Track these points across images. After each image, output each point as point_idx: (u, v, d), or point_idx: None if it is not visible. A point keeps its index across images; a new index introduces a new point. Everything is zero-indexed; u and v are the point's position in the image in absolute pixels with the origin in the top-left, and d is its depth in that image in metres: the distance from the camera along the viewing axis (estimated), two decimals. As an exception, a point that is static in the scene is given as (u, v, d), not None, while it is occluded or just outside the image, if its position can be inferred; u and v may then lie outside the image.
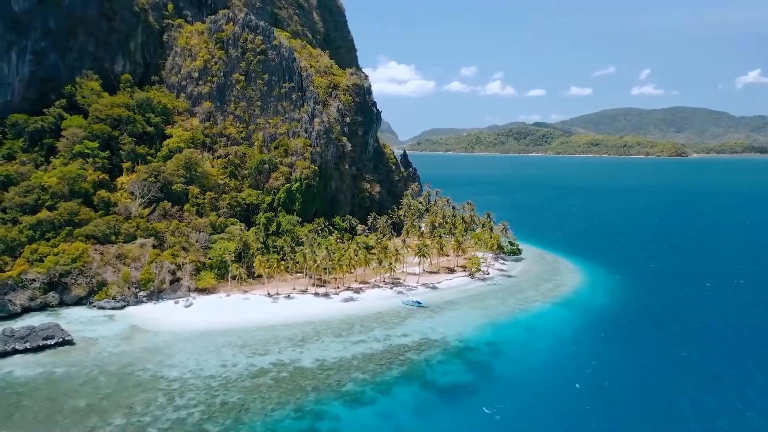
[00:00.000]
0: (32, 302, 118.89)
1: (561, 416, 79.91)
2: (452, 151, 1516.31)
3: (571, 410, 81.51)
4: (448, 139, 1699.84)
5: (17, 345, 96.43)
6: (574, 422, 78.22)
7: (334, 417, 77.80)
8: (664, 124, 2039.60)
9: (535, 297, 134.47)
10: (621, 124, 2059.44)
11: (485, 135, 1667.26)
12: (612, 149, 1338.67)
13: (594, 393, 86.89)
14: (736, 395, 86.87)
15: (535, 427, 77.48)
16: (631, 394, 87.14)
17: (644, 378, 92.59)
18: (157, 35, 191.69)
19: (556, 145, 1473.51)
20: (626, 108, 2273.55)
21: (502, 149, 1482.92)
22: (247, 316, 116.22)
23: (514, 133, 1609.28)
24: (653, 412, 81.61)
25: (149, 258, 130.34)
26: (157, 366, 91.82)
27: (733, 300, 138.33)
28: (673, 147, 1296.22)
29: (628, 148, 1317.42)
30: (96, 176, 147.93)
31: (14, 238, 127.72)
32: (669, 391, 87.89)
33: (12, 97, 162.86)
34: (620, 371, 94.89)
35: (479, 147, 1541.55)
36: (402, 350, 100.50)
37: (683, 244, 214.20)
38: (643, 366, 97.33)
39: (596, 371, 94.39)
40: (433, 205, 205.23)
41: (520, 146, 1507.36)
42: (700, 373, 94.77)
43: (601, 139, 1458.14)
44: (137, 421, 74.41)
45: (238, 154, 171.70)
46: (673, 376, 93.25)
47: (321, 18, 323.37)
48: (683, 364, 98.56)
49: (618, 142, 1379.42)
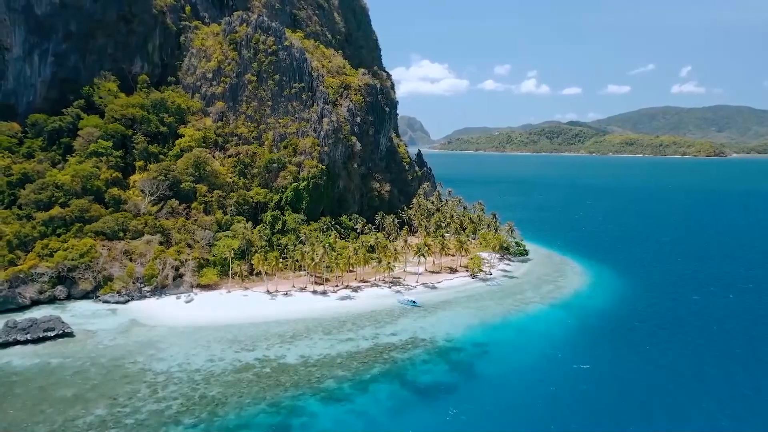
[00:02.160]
0: (41, 295, 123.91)
1: (525, 417, 79.70)
2: (483, 151, 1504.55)
3: (538, 412, 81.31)
4: (479, 139, 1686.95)
5: (19, 336, 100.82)
6: (536, 423, 77.96)
7: (308, 413, 79.26)
8: (704, 123, 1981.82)
9: (532, 298, 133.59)
10: (659, 123, 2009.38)
11: (517, 134, 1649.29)
12: (647, 149, 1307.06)
13: (567, 396, 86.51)
14: (714, 401, 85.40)
15: (496, 427, 77.37)
16: (604, 397, 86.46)
17: (622, 382, 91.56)
18: (174, 37, 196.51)
19: (589, 144, 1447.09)
20: (665, 107, 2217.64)
21: (534, 148, 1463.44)
22: (243, 313, 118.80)
23: (547, 132, 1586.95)
24: (618, 415, 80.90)
25: (153, 254, 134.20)
26: (147, 359, 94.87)
27: (736, 305, 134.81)
28: (711, 147, 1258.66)
29: (663, 148, 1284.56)
30: (109, 174, 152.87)
31: (27, 233, 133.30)
32: (642, 397, 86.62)
33: (34, 98, 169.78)
34: (601, 375, 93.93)
35: (510, 146, 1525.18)
36: (387, 349, 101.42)
37: (699, 246, 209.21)
38: (625, 370, 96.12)
39: (577, 374, 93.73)
40: (444, 205, 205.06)
41: (553, 145, 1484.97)
42: (681, 379, 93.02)
43: (636, 138, 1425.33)
44: (117, 411, 77.23)
45: (249, 153, 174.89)
46: (652, 383, 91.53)
47: (343, 18, 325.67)
48: (666, 370, 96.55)
49: (653, 141, 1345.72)
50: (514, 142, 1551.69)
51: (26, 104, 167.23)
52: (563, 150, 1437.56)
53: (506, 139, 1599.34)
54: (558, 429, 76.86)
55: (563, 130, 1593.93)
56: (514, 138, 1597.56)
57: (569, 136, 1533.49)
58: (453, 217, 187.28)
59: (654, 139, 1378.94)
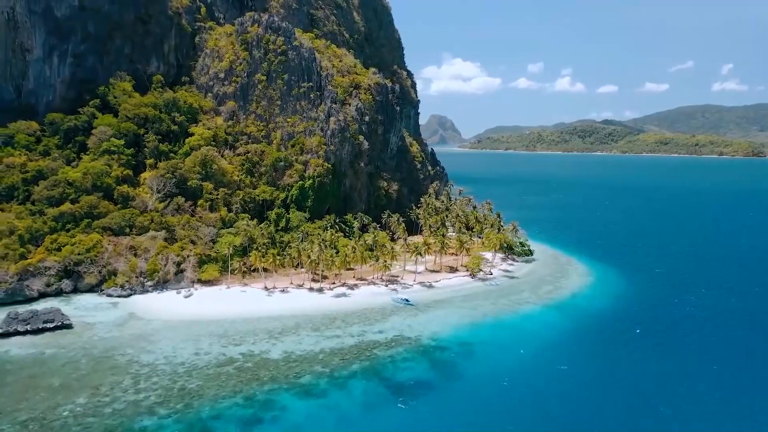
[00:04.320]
0: (48, 288, 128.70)
1: (496, 417, 79.64)
2: (513, 150, 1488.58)
3: (510, 412, 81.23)
4: (509, 138, 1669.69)
5: (19, 326, 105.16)
6: (505, 423, 77.95)
7: (281, 407, 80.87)
8: (746, 122, 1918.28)
9: (528, 299, 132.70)
10: (698, 122, 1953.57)
11: (548, 133, 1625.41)
12: (682, 148, 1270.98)
13: (540, 396, 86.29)
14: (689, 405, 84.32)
15: (464, 425, 77.72)
16: (578, 399, 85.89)
17: (601, 385, 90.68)
18: (189, 37, 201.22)
19: (622, 143, 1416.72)
20: (705, 105, 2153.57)
21: (565, 148, 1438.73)
22: (238, 308, 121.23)
23: (579, 131, 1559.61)
24: (587, 416, 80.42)
25: (156, 250, 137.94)
26: (136, 351, 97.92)
27: (737, 311, 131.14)
28: (749, 146, 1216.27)
29: (699, 148, 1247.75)
30: (120, 172, 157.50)
31: (38, 228, 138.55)
32: (618, 401, 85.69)
33: (53, 98, 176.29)
34: (581, 377, 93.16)
35: (541, 145, 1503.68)
36: (371, 346, 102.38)
37: (712, 249, 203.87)
38: (608, 373, 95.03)
39: (555, 376, 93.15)
40: (452, 204, 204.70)
41: (584, 145, 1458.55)
42: (667, 384, 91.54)
43: (671, 137, 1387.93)
44: (97, 401, 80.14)
45: (257, 152, 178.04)
46: (629, 386, 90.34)
47: (363, 17, 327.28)
48: (651, 375, 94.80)
49: (689, 141, 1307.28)
50: (545, 141, 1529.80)
51: (45, 104, 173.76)
52: (595, 149, 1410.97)
53: (537, 138, 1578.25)
54: (524, 429, 76.72)
55: (596, 129, 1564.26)
56: (545, 137, 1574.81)
57: (602, 135, 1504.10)
58: (459, 216, 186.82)
59: (690, 138, 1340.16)
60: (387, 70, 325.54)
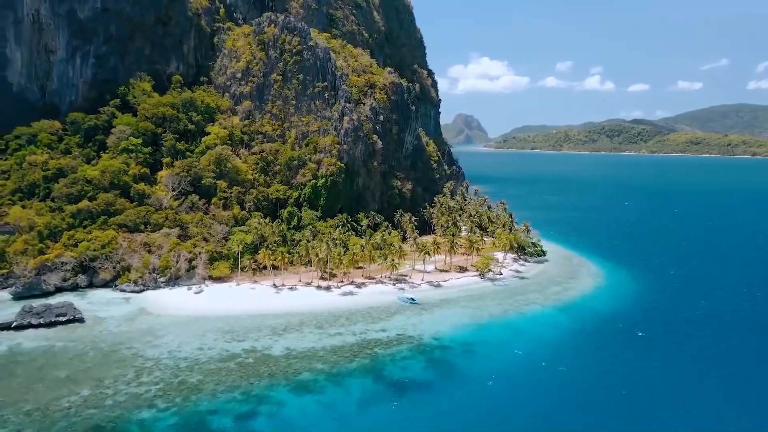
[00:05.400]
0: (64, 283, 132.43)
1: (490, 417, 79.78)
2: (539, 149, 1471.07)
3: (504, 412, 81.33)
4: (535, 137, 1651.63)
5: (33, 320, 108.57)
6: (498, 423, 78.00)
7: (278, 402, 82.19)
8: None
9: (536, 299, 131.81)
10: (732, 121, 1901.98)
11: (575, 132, 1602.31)
12: (714, 148, 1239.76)
13: (531, 397, 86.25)
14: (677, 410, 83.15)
15: (457, 424, 78.00)
16: (569, 399, 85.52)
17: (594, 386, 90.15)
18: (208, 38, 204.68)
19: (651, 143, 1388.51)
20: (739, 104, 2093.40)
21: (593, 147, 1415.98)
22: (245, 305, 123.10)
23: (607, 130, 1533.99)
24: (579, 419, 79.99)
25: (169, 246, 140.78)
26: (142, 345, 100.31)
27: (746, 315, 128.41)
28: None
29: (732, 148, 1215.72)
30: (137, 170, 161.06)
31: (57, 224, 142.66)
32: (609, 402, 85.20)
33: (76, 97, 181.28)
34: (580, 379, 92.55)
35: (568, 145, 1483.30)
36: (372, 344, 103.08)
37: (736, 250, 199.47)
38: (603, 375, 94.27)
39: (553, 377, 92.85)
40: (466, 204, 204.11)
41: (612, 144, 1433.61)
42: (664, 388, 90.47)
43: (702, 137, 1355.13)
44: (100, 393, 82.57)
45: (272, 151, 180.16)
46: (632, 391, 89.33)
47: (383, 17, 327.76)
48: (643, 378, 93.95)
49: (721, 140, 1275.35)
50: (571, 141, 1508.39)
51: (68, 103, 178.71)
52: (623, 149, 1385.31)
53: (563, 137, 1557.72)
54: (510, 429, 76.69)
55: (624, 129, 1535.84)
56: (572, 136, 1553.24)
57: (631, 134, 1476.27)
58: (472, 216, 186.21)
59: (722, 138, 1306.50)
60: (407, 70, 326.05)
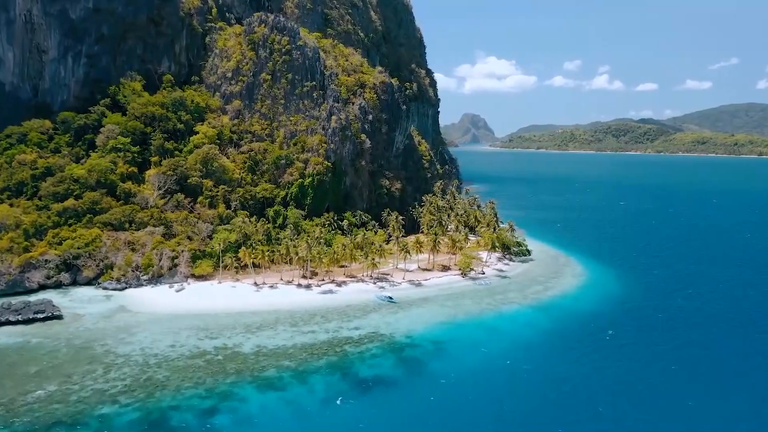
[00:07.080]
0: (48, 281, 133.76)
1: (453, 415, 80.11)
2: (544, 149, 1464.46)
3: (469, 411, 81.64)
4: (541, 137, 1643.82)
5: (10, 317, 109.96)
6: (462, 423, 78.32)
7: (241, 399, 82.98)
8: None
9: (514, 299, 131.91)
10: (741, 120, 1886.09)
11: (580, 132, 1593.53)
12: (720, 148, 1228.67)
13: (493, 396, 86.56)
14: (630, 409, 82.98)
15: (419, 422, 78.50)
16: (527, 401, 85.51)
17: (560, 388, 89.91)
18: (200, 38, 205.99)
19: (657, 143, 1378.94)
20: (749, 103, 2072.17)
21: (599, 147, 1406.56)
22: (224, 303, 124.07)
23: (613, 130, 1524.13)
24: (537, 418, 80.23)
25: (152, 245, 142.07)
26: (115, 342, 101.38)
27: (724, 314, 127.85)
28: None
29: (738, 147, 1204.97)
30: (125, 169, 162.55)
31: (43, 223, 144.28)
32: (569, 402, 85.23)
33: (68, 97, 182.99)
34: (542, 379, 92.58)
35: (573, 144, 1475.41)
36: (343, 342, 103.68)
37: (728, 250, 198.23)
38: (573, 376, 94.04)
39: (517, 375, 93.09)
40: (456, 203, 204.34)
41: (618, 144, 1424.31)
42: (612, 386, 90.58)
43: (708, 136, 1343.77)
44: (66, 389, 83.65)
45: (260, 150, 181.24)
46: (589, 388, 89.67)
47: (381, 17, 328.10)
48: (603, 378, 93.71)
49: (727, 140, 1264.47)
50: (577, 140, 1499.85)
51: (60, 103, 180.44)
52: (629, 149, 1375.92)
53: (569, 136, 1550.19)
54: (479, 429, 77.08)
55: (631, 128, 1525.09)
56: (577, 136, 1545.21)
57: (637, 134, 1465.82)
58: (460, 215, 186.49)
59: (728, 137, 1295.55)
60: (405, 69, 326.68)
